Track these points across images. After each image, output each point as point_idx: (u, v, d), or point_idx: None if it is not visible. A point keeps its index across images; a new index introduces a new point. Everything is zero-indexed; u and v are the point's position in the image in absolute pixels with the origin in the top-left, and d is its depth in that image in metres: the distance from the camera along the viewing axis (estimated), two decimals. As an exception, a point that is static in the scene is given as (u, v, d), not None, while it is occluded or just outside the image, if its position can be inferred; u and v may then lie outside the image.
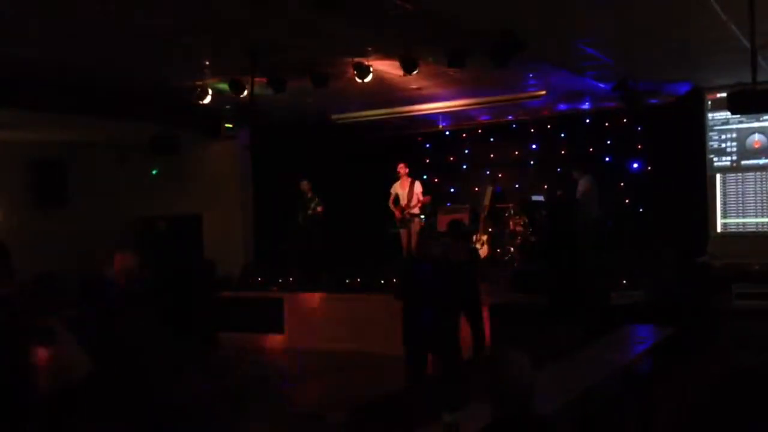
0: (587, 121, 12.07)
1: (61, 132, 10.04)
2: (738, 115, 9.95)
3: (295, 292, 11.14)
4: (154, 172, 11.23)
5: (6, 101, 8.60)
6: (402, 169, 11.39)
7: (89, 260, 9.46)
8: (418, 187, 11.34)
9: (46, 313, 4.67)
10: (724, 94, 9.30)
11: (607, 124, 11.74)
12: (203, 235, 11.63)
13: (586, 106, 11.71)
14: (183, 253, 11.10)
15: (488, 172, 12.84)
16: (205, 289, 10.95)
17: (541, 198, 11.59)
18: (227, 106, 10.10)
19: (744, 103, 7.26)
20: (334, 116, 11.86)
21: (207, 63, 8.67)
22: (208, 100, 9.59)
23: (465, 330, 7.91)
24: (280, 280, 11.45)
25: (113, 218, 10.38)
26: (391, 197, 11.46)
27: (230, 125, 11.22)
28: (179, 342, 9.07)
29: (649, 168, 11.42)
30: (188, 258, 11.14)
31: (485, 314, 8.54)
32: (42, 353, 4.28)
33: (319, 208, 11.63)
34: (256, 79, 8.96)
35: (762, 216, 10.49)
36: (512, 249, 11.36)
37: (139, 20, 6.86)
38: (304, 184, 11.82)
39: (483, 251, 11.19)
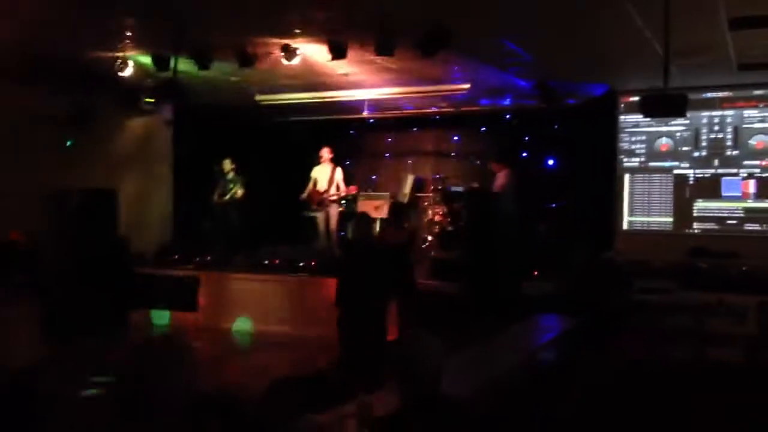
0: (507, 116, 12.39)
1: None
2: (648, 119, 10.43)
3: (211, 271, 11.01)
4: (69, 143, 10.83)
5: None
6: (326, 153, 11.37)
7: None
8: (339, 173, 11.33)
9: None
10: (637, 98, 9.73)
11: (525, 120, 12.08)
12: (119, 210, 11.30)
13: (507, 102, 12.01)
14: (97, 228, 10.76)
15: (410, 162, 13.01)
16: (118, 265, 10.69)
17: (460, 189, 11.83)
18: (149, 80, 9.86)
19: (655, 107, 7.61)
20: (259, 97, 11.74)
21: (129, 34, 8.44)
22: (128, 72, 9.34)
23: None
24: (197, 259, 11.29)
25: (24, 190, 9.96)
26: (312, 181, 11.42)
27: (151, 99, 10.97)
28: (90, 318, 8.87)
29: (563, 165, 11.82)
30: (102, 233, 10.80)
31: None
32: None
33: (239, 192, 11.53)
34: (180, 55, 8.80)
35: (665, 215, 11.04)
36: (430, 237, 11.57)
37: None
38: (226, 163, 11.69)
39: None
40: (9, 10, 7.26)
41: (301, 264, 10.53)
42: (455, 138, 12.98)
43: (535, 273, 9.90)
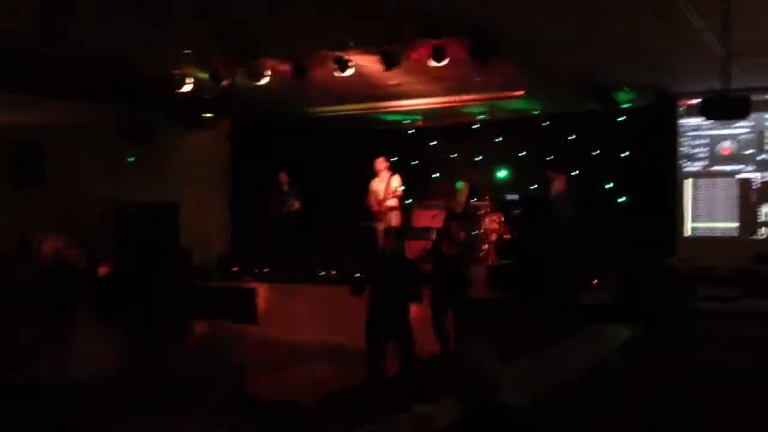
0: (564, 121, 12.20)
1: (39, 115, 9.97)
2: (709, 122, 10.16)
3: (269, 282, 11.17)
4: (130, 159, 11.17)
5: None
6: (380, 164, 11.43)
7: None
8: (395, 181, 11.38)
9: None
10: (697, 101, 9.48)
11: (582, 125, 11.89)
12: (179, 223, 11.58)
13: (563, 107, 11.84)
14: (158, 241, 11.06)
15: (464, 170, 12.92)
16: (180, 276, 10.94)
17: (515, 196, 11.72)
18: (207, 95, 10.08)
19: (716, 110, 7.44)
20: (313, 109, 11.88)
21: (187, 51, 8.66)
22: (187, 88, 9.57)
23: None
24: (255, 270, 11.47)
25: (89, 203, 10.32)
26: (371, 193, 11.49)
27: (209, 114, 11.23)
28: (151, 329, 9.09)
29: (623, 170, 11.59)
30: (163, 245, 11.09)
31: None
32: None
33: (296, 205, 11.67)
34: (237, 69, 8.99)
35: (729, 221, 10.72)
36: (486, 246, 11.49)
37: (121, 4, 6.87)
38: (283, 177, 11.85)
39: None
40: (74, 26, 7.54)
41: (358, 275, 10.56)
42: (511, 145, 12.83)
43: (595, 281, 9.72)
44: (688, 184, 11.03)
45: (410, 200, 12.21)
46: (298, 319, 10.51)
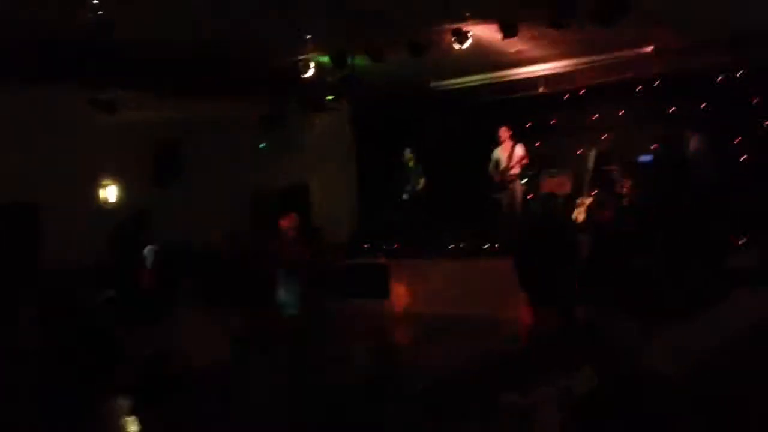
0: (698, 77, 11.46)
1: (175, 111, 10.53)
2: None
3: (399, 258, 11.34)
4: (262, 145, 11.61)
5: (129, 84, 9.16)
6: (504, 132, 11.32)
7: (207, 233, 9.99)
8: (519, 149, 11.22)
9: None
10: None
11: (719, 79, 11.16)
12: (310, 204, 11.97)
13: (695, 61, 11.14)
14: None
15: (592, 135, 12.49)
16: (315, 256, 11.28)
17: (649, 158, 11.22)
18: (329, 78, 10.29)
19: None
20: (434, 83, 11.87)
21: (308, 36, 8.86)
22: (310, 73, 9.79)
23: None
24: (384, 247, 11.67)
25: (227, 193, 10.81)
26: (492, 162, 11.40)
27: (332, 97, 11.48)
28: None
29: (761, 128, 10.82)
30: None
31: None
32: None
33: (421, 182, 11.78)
34: (356, 51, 9.12)
35: None
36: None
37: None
38: (407, 154, 11.96)
39: (581, 216, 10.94)
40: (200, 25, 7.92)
41: (486, 247, 10.55)
42: (640, 105, 12.23)
43: (741, 242, 9.18)
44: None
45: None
46: (430, 294, 10.62)
